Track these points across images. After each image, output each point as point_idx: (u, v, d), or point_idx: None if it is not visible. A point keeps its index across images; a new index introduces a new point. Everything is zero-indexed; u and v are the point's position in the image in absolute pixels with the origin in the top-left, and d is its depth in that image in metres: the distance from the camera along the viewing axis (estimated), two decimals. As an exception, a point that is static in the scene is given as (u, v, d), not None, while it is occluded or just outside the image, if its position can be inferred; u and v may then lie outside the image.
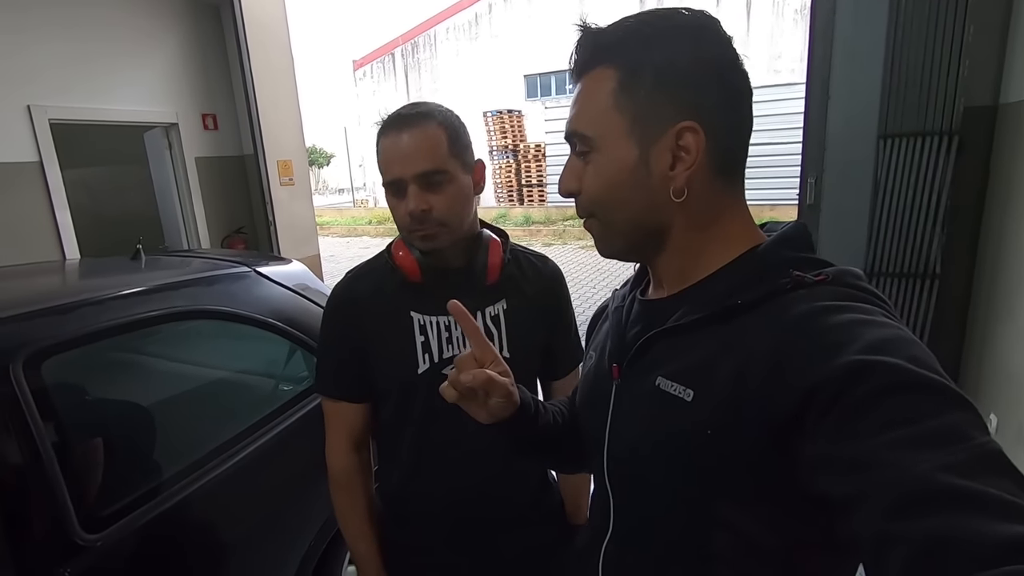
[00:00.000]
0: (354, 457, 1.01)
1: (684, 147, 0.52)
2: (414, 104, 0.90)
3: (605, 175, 0.56)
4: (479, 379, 0.60)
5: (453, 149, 0.87)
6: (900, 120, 2.41)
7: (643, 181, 0.54)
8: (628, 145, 0.54)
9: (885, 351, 0.41)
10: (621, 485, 0.61)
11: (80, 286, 1.64)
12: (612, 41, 0.55)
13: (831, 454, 0.41)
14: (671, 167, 0.53)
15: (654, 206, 0.55)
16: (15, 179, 3.38)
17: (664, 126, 0.52)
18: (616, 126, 0.54)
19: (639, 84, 0.53)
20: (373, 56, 17.86)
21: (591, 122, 0.56)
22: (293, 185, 4.91)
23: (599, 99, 0.55)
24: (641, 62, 0.53)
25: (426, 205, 0.85)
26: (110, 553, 1.14)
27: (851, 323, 0.45)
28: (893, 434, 0.38)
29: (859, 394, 0.40)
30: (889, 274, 2.52)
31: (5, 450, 1.06)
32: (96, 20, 3.72)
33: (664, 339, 0.56)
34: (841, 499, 0.39)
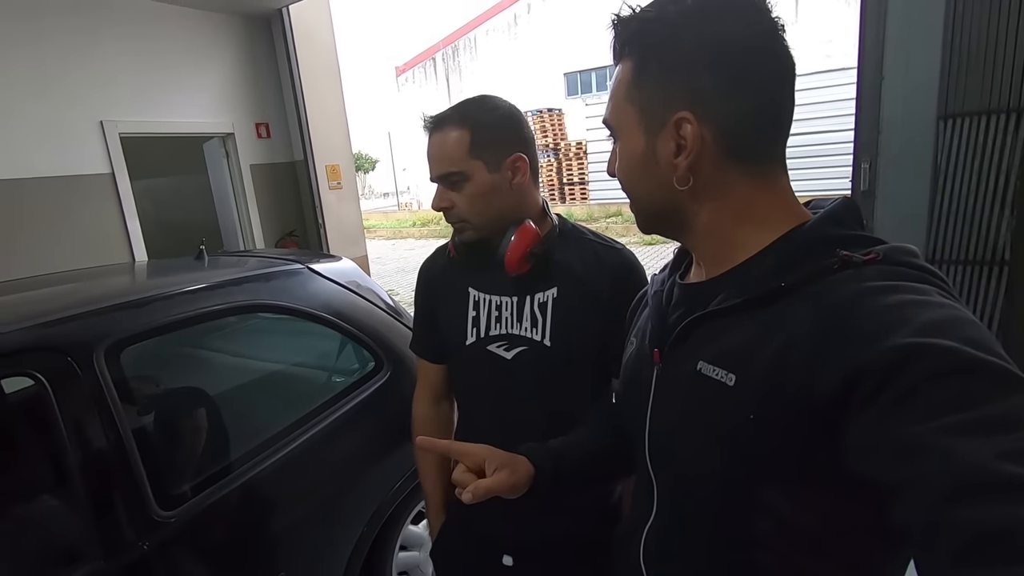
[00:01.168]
0: (432, 407, 1.14)
1: (683, 136, 0.53)
2: (456, 104, 0.95)
3: (624, 162, 0.59)
4: (479, 495, 0.67)
5: (475, 149, 0.91)
6: (962, 99, 2.28)
7: (652, 169, 0.56)
8: (638, 135, 0.56)
9: (939, 333, 0.39)
10: (663, 470, 0.61)
11: (152, 283, 1.77)
12: (629, 32, 0.56)
13: (881, 439, 0.39)
14: (675, 155, 0.54)
15: (664, 192, 0.56)
16: (91, 190, 3.65)
17: (665, 116, 0.53)
18: (629, 117, 0.56)
19: (647, 75, 0.54)
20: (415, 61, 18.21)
21: (612, 113, 0.59)
22: (341, 189, 5.07)
23: (619, 91, 0.57)
24: (648, 52, 0.54)
25: (447, 203, 0.95)
26: (183, 529, 1.22)
27: (902, 304, 0.43)
28: (947, 419, 0.36)
29: (910, 378, 0.38)
30: (953, 261, 2.40)
31: (91, 433, 1.16)
32: (160, 39, 3.96)
33: (705, 323, 0.55)
34: (891, 485, 0.38)
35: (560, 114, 14.02)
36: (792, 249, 0.52)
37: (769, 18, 0.52)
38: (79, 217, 3.59)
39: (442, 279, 1.07)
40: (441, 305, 1.06)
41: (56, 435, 1.12)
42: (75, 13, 3.52)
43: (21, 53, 3.31)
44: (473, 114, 0.92)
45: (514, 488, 0.70)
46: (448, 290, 1.05)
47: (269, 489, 1.42)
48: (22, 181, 3.33)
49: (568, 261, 0.97)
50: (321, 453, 1.56)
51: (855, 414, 0.41)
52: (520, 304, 0.97)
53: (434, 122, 0.94)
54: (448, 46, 17.24)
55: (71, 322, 1.21)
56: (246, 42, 4.50)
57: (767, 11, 0.52)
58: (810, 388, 0.44)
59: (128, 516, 1.17)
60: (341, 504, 1.60)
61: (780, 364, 0.47)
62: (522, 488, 0.71)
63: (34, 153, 3.37)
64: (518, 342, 0.96)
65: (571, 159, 13.28)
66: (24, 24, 3.31)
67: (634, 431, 0.66)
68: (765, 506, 0.50)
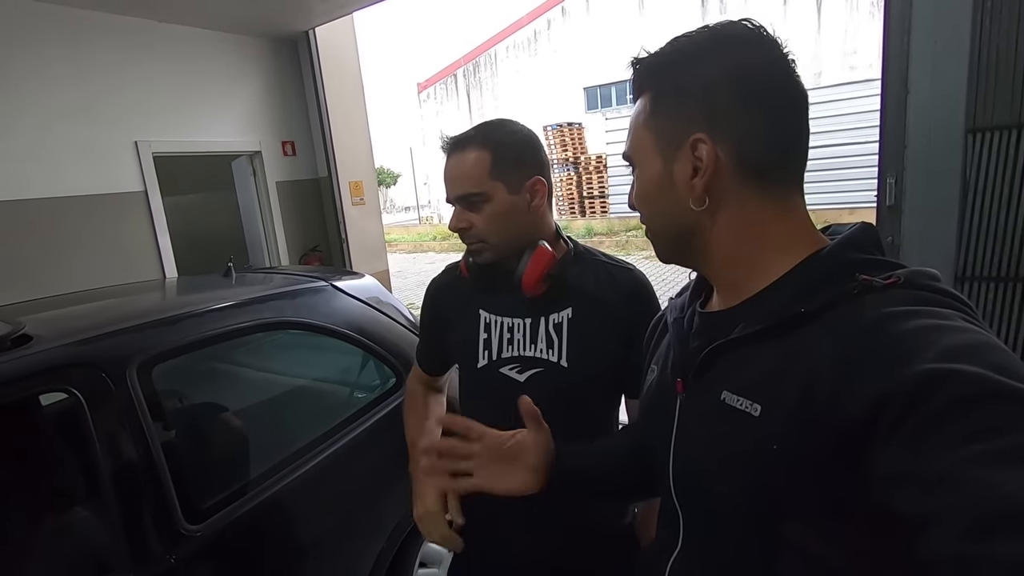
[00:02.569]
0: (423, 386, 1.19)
1: (699, 158, 0.54)
2: (476, 125, 0.96)
3: (642, 188, 0.60)
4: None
5: (496, 170, 0.91)
6: (991, 113, 2.24)
7: (669, 192, 0.57)
8: (655, 159, 0.57)
9: (963, 358, 0.38)
10: (688, 501, 0.61)
11: (182, 301, 1.82)
12: (646, 70, 0.59)
13: (905, 469, 0.38)
14: (692, 177, 0.55)
15: (681, 215, 0.57)
16: (124, 207, 3.78)
17: (682, 139, 0.55)
18: (648, 144, 0.58)
19: (664, 103, 0.57)
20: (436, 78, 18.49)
21: (631, 144, 0.61)
22: (364, 204, 5.16)
23: (638, 122, 0.59)
24: (664, 80, 0.57)
25: (466, 223, 0.94)
26: (209, 543, 1.25)
27: (925, 329, 0.42)
28: (974, 448, 0.35)
29: (935, 405, 0.37)
30: (984, 278, 2.34)
31: (123, 447, 1.20)
32: (193, 62, 4.11)
33: (727, 352, 0.55)
34: (917, 517, 0.37)
35: (580, 128, 14.08)
36: (812, 275, 0.52)
37: (781, 49, 0.54)
38: (113, 234, 3.71)
39: (452, 298, 1.07)
40: (449, 325, 1.06)
41: (89, 448, 1.16)
42: (115, 37, 3.68)
43: (63, 76, 3.46)
44: (494, 136, 0.93)
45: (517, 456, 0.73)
46: (458, 310, 1.04)
47: (291, 504, 1.44)
48: (60, 200, 3.47)
49: (581, 282, 0.97)
50: (343, 468, 1.57)
51: (880, 443, 0.40)
52: (534, 325, 0.97)
53: (454, 143, 0.95)
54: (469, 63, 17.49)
55: (105, 339, 1.26)
56: (274, 64, 4.64)
57: (779, 43, 0.55)
58: (835, 417, 0.43)
59: (156, 529, 1.20)
60: (361, 519, 1.61)
61: (805, 393, 0.46)
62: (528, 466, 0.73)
63: (72, 172, 3.52)
64: (532, 364, 0.96)
65: (591, 173, 13.30)
66: (66, 49, 3.46)
67: (658, 461, 0.65)
68: (791, 539, 0.49)
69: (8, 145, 3.24)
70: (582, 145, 13.89)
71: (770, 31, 0.55)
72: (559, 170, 13.79)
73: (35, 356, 1.16)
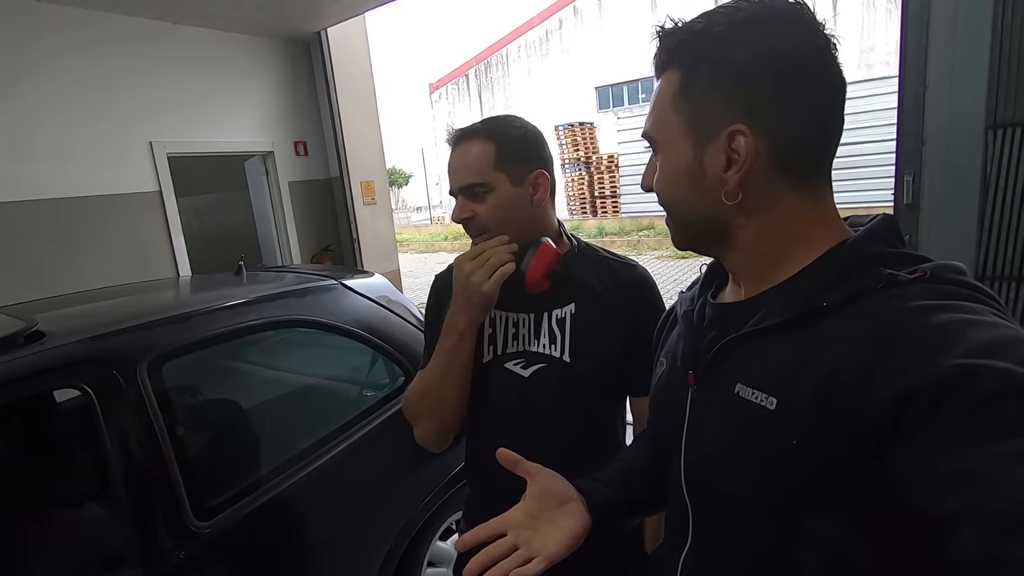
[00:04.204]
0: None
1: (736, 150, 0.51)
2: (481, 120, 0.96)
3: (666, 174, 0.56)
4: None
5: (500, 162, 0.91)
6: (1012, 108, 2.18)
7: (698, 182, 0.54)
8: (685, 146, 0.54)
9: (994, 354, 0.37)
10: (700, 497, 0.59)
11: (192, 299, 1.83)
12: (677, 43, 0.54)
13: (933, 466, 0.37)
14: (725, 169, 0.52)
15: (710, 206, 0.54)
16: (139, 207, 3.83)
17: (717, 128, 0.51)
18: (675, 128, 0.54)
19: (696, 85, 0.53)
20: (448, 78, 18.55)
21: (655, 124, 0.57)
22: (375, 204, 5.18)
23: (663, 101, 0.55)
24: (698, 62, 0.52)
25: (469, 213, 0.93)
26: (217, 539, 1.25)
27: (953, 323, 0.41)
28: (1005, 445, 0.34)
29: (964, 401, 0.37)
30: (1005, 278, 2.28)
31: (133, 443, 1.21)
32: (207, 64, 4.15)
33: (743, 344, 0.53)
34: (945, 515, 0.36)
35: (592, 128, 14.03)
36: (834, 268, 0.50)
37: (823, 34, 0.51)
38: (128, 233, 3.76)
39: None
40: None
41: (100, 444, 1.17)
42: (130, 39, 3.73)
43: (80, 78, 3.52)
44: (499, 128, 0.93)
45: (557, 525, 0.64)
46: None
47: (299, 502, 1.44)
48: (77, 200, 3.52)
49: (584, 277, 0.97)
50: (351, 467, 1.58)
51: (906, 439, 0.39)
52: (538, 320, 0.96)
53: (460, 134, 0.95)
54: (481, 63, 17.52)
55: (117, 336, 1.27)
56: (286, 65, 4.68)
57: (821, 27, 0.51)
58: (857, 412, 0.42)
59: (166, 525, 1.20)
60: (370, 518, 1.61)
61: (825, 387, 0.45)
62: (570, 525, 0.65)
63: (88, 173, 3.57)
64: (536, 359, 0.96)
65: (603, 172, 13.26)
66: (83, 51, 3.52)
67: (669, 456, 0.64)
68: (812, 537, 0.48)
69: (26, 146, 3.30)
70: (594, 145, 13.85)
71: (811, 10, 0.52)
72: (571, 170, 13.76)
73: (47, 352, 1.17)
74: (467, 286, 0.90)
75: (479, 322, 0.95)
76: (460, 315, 0.92)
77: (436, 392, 0.97)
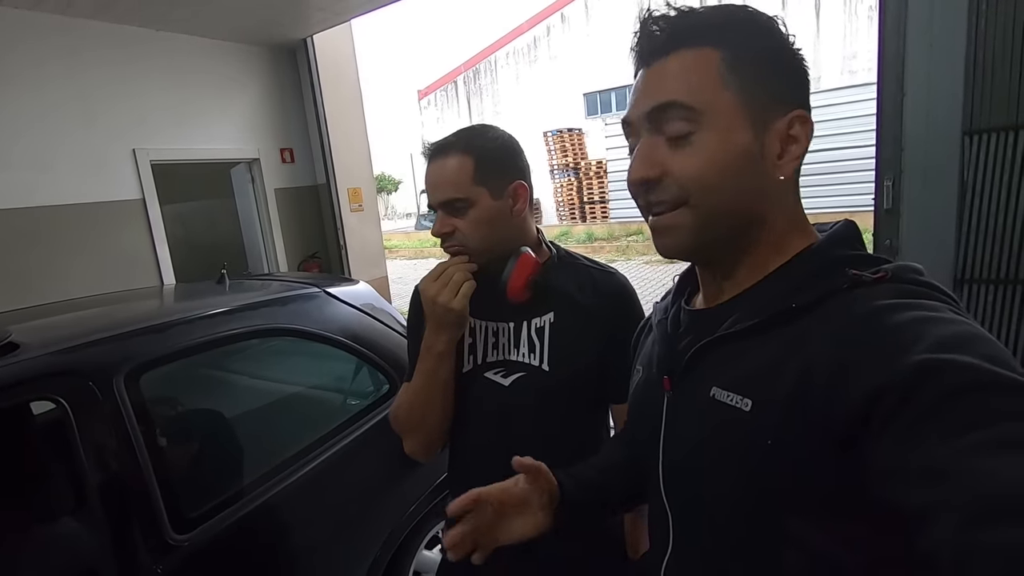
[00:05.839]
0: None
1: (794, 136, 0.51)
2: (456, 131, 0.95)
3: (714, 155, 0.51)
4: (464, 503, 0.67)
5: (479, 176, 0.91)
6: (988, 114, 2.23)
7: (754, 165, 0.51)
8: (742, 124, 0.51)
9: (956, 349, 0.39)
10: (679, 501, 0.59)
11: (172, 308, 1.81)
12: (705, 24, 0.52)
13: (902, 461, 0.38)
14: (779, 156, 0.51)
15: (760, 194, 0.52)
16: (123, 215, 3.78)
17: (778, 111, 0.51)
18: (727, 103, 0.50)
19: (751, 64, 0.51)
20: (437, 85, 18.58)
21: (697, 94, 0.51)
22: (362, 211, 5.16)
23: (702, 73, 0.51)
24: (748, 43, 0.51)
25: (449, 228, 0.93)
26: (197, 552, 1.23)
27: (916, 320, 0.42)
28: (970, 438, 0.35)
29: (929, 396, 0.37)
30: (983, 280, 2.32)
31: (109, 457, 1.19)
32: (191, 70, 4.12)
33: (717, 348, 0.54)
34: (916, 509, 0.37)
35: (580, 134, 14.10)
36: (803, 270, 0.52)
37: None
38: (111, 242, 3.71)
39: None
40: None
41: (76, 458, 1.14)
42: (113, 46, 3.69)
43: (62, 85, 3.47)
44: (476, 141, 0.93)
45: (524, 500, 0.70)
46: None
47: (282, 512, 1.43)
48: (58, 208, 3.47)
49: (564, 286, 0.97)
50: (335, 477, 1.56)
51: (876, 435, 0.40)
52: (517, 329, 0.96)
53: (436, 148, 0.94)
54: (469, 69, 17.56)
55: (93, 347, 1.25)
56: (272, 71, 4.66)
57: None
58: (830, 410, 0.43)
59: (144, 540, 1.18)
60: (354, 528, 1.60)
61: (798, 387, 0.46)
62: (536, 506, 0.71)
63: (69, 180, 3.52)
64: (515, 368, 0.95)
65: (591, 178, 13.31)
66: (65, 57, 3.48)
67: (647, 462, 0.64)
68: (791, 537, 0.48)
69: (5, 154, 3.25)
70: (582, 151, 13.91)
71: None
72: (559, 176, 13.81)
73: (20, 364, 1.15)
74: (436, 307, 0.90)
75: (456, 339, 0.95)
76: (436, 337, 0.92)
77: (421, 409, 0.98)
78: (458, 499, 0.68)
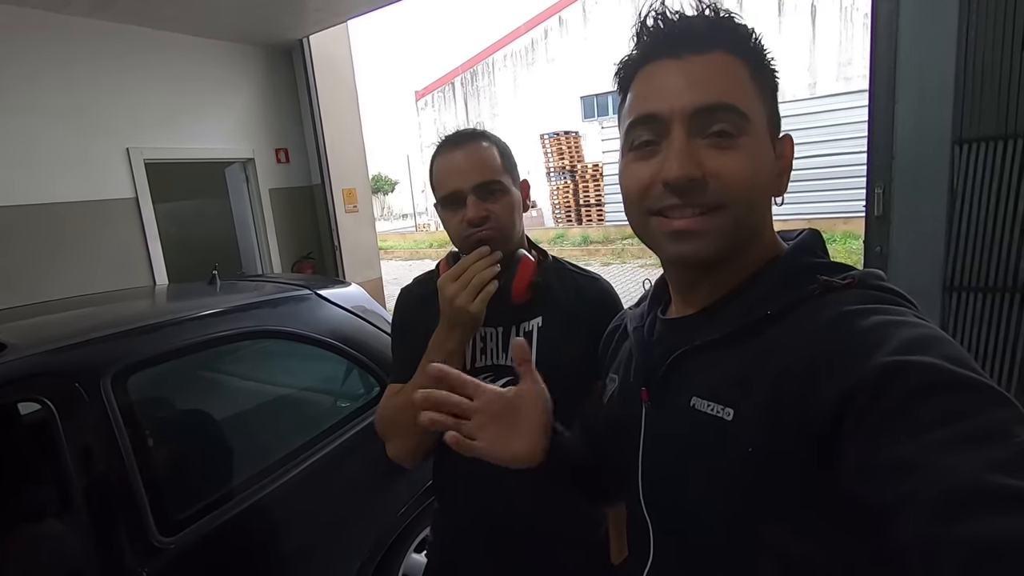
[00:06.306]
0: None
1: (783, 155, 0.55)
2: (466, 128, 0.97)
3: (756, 161, 0.51)
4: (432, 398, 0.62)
5: (505, 164, 0.94)
6: (977, 124, 2.25)
7: (772, 181, 0.54)
8: (768, 139, 0.53)
9: (919, 351, 0.40)
10: (659, 512, 0.59)
11: (160, 309, 1.80)
12: (738, 33, 0.52)
13: (870, 459, 0.39)
14: (779, 173, 0.55)
15: (766, 208, 0.55)
16: (115, 214, 3.76)
17: (778, 131, 0.55)
18: (761, 115, 0.52)
19: (766, 83, 0.53)
20: (434, 86, 18.58)
21: (744, 100, 0.50)
22: (357, 212, 5.15)
23: (744, 83, 0.51)
24: (763, 64, 0.53)
25: (485, 212, 0.90)
26: (183, 554, 1.23)
27: (882, 324, 0.44)
28: (934, 435, 0.37)
29: (895, 396, 0.39)
30: (971, 288, 2.33)
31: (95, 458, 1.18)
32: (186, 69, 4.11)
33: (695, 357, 0.54)
34: (884, 506, 0.38)
35: (577, 137, 14.13)
36: (775, 278, 0.53)
37: None
38: (103, 241, 3.70)
39: (424, 311, 1.00)
40: (423, 338, 0.98)
41: (61, 460, 1.14)
42: (107, 44, 3.68)
43: (54, 82, 3.46)
44: (493, 135, 0.96)
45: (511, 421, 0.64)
46: (433, 321, 0.96)
47: (269, 516, 1.42)
48: (50, 206, 3.45)
49: (551, 291, 0.98)
50: (324, 479, 1.56)
51: (848, 436, 0.41)
52: (506, 334, 0.97)
53: (461, 135, 0.95)
54: (467, 71, 17.57)
55: (79, 348, 1.24)
56: (268, 71, 4.65)
57: None
58: (806, 414, 0.44)
59: (129, 542, 1.18)
60: (343, 532, 1.59)
61: (776, 394, 0.46)
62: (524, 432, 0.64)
63: (62, 179, 3.50)
64: (504, 373, 0.96)
65: (587, 181, 13.34)
66: (58, 55, 3.46)
67: (626, 472, 0.64)
68: (769, 544, 0.48)
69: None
70: (579, 154, 13.94)
71: None
72: (555, 178, 13.83)
73: (6, 365, 1.14)
74: (453, 308, 0.88)
75: (467, 342, 0.93)
76: (448, 335, 0.90)
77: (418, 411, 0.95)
78: (445, 370, 0.65)
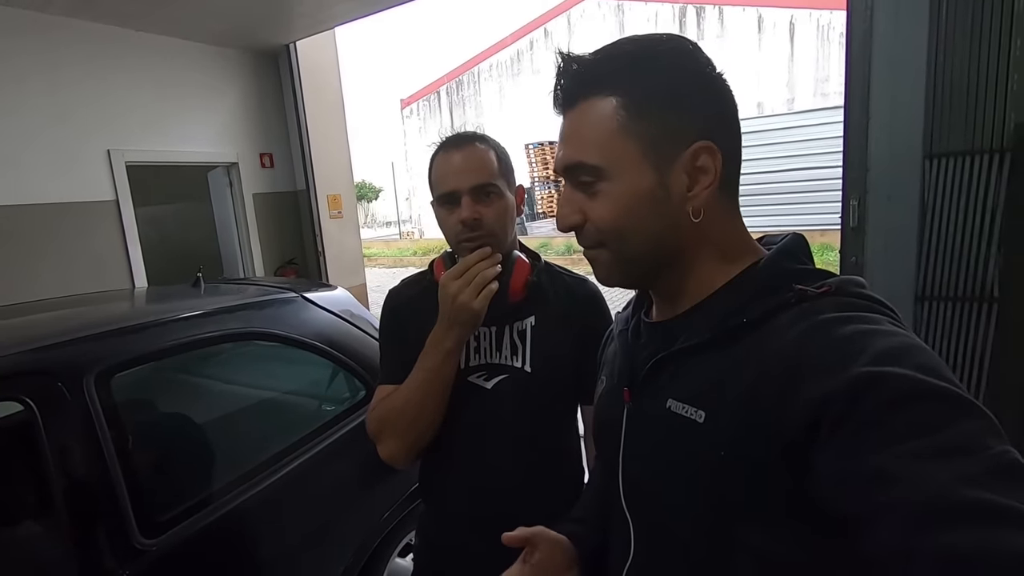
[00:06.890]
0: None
1: (701, 167, 0.52)
2: (467, 131, 0.99)
3: (621, 203, 0.54)
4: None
5: (501, 169, 0.96)
6: (947, 139, 2.34)
7: (662, 205, 0.53)
8: (644, 170, 0.53)
9: (893, 361, 0.40)
10: (638, 510, 0.61)
11: (146, 310, 1.78)
12: (606, 70, 0.54)
13: (845, 469, 0.40)
14: (688, 188, 0.53)
15: (673, 229, 0.54)
16: (95, 216, 3.71)
17: (681, 147, 0.52)
18: (628, 152, 0.53)
19: (647, 107, 0.52)
20: (420, 95, 18.59)
21: (598, 150, 0.54)
22: (342, 218, 5.14)
23: (602, 127, 0.53)
24: (644, 86, 0.52)
25: (477, 215, 0.92)
26: (165, 556, 1.21)
27: (857, 334, 0.44)
28: (907, 446, 0.37)
29: (869, 407, 0.39)
30: (942, 298, 2.41)
31: (77, 459, 1.17)
32: (170, 72, 4.08)
33: (673, 361, 0.56)
34: (858, 515, 0.39)
35: (561, 147, 14.23)
36: (752, 285, 0.53)
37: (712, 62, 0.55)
38: (82, 243, 3.63)
39: (415, 313, 1.02)
40: (415, 340, 0.97)
41: (42, 460, 1.12)
42: (90, 45, 3.64)
43: (35, 82, 3.41)
44: (489, 140, 0.98)
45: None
46: (422, 324, 0.97)
47: (253, 518, 1.41)
48: (28, 207, 3.39)
49: (543, 291, 1.01)
50: (308, 482, 1.55)
51: (822, 445, 0.41)
52: (499, 333, 0.99)
53: (459, 138, 0.96)
54: (452, 80, 17.64)
55: (62, 348, 1.23)
56: (253, 76, 4.63)
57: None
58: (779, 421, 0.44)
59: (110, 544, 1.16)
60: (326, 535, 1.58)
61: (748, 399, 0.47)
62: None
63: (41, 179, 3.44)
64: (498, 371, 0.97)
65: (571, 191, 13.43)
66: (39, 55, 3.42)
67: (607, 469, 0.66)
68: (745, 544, 0.49)
69: (-26, 151, 3.17)
70: (563, 164, 14.03)
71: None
72: (540, 188, 13.91)
73: (-13, 364, 1.12)
74: (455, 306, 0.88)
75: (466, 340, 0.94)
76: (447, 333, 0.90)
77: (415, 410, 0.94)
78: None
